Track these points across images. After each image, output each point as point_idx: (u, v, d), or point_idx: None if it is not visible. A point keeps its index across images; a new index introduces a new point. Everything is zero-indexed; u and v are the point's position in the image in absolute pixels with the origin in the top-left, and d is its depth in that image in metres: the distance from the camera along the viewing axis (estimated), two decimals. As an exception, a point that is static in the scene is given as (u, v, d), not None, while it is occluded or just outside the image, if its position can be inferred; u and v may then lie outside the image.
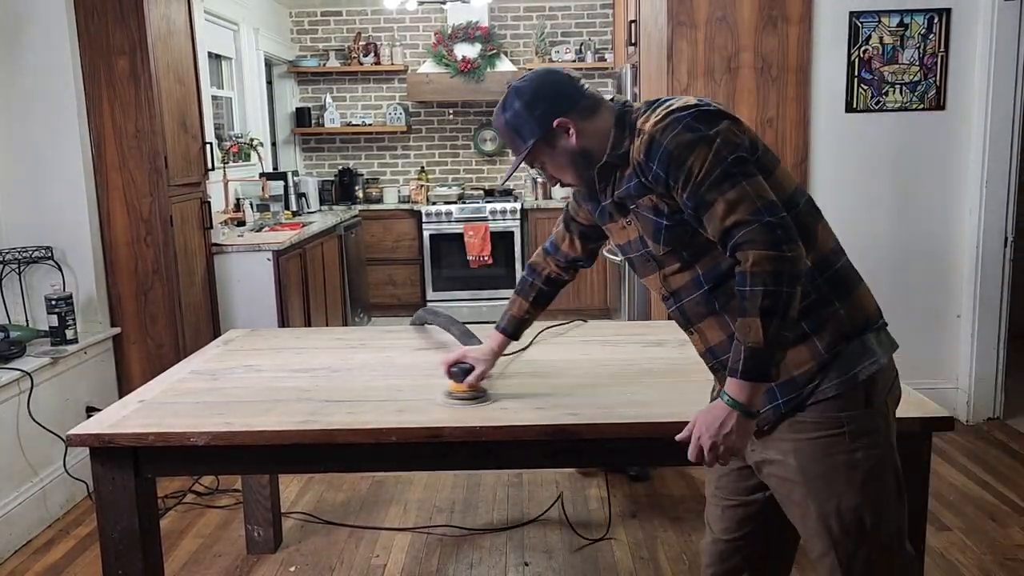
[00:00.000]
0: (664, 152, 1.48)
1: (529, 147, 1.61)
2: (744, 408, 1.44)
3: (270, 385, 2.16)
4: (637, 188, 1.56)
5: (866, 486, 1.52)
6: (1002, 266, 3.80)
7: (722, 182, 1.44)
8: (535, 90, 1.60)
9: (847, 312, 1.53)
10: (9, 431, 2.94)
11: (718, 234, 1.46)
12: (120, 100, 3.50)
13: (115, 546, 1.92)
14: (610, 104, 1.63)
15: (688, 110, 1.50)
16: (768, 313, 1.39)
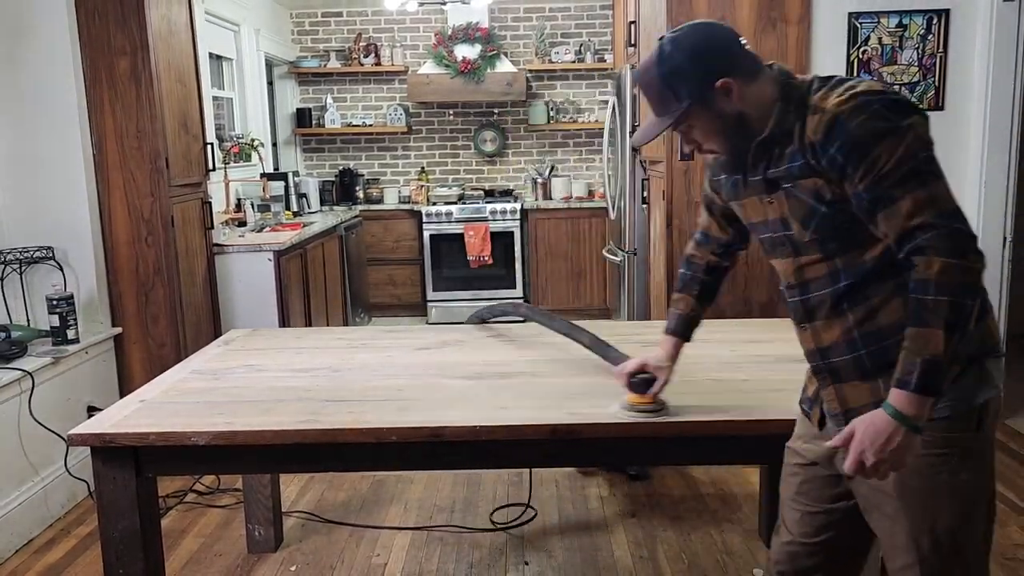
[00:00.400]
0: (848, 135, 1.37)
1: (685, 107, 1.46)
2: (912, 423, 1.36)
3: (271, 385, 2.17)
4: (802, 169, 1.45)
5: (965, 509, 1.49)
6: (1001, 266, 3.81)
7: (910, 179, 1.36)
8: (698, 43, 1.46)
9: (978, 335, 1.46)
10: (10, 431, 2.95)
11: (897, 232, 1.37)
12: (121, 100, 3.51)
13: (116, 545, 1.92)
14: (770, 71, 1.51)
15: (878, 95, 1.39)
16: (952, 325, 1.32)
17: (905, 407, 1.36)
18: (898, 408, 1.36)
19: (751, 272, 3.74)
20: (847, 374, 1.50)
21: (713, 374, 2.17)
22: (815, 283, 1.52)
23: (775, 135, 1.48)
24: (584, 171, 6.91)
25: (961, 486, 1.47)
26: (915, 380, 1.34)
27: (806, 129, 1.43)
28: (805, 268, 1.53)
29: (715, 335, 2.59)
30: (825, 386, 1.56)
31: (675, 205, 3.71)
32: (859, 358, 1.46)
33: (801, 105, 1.46)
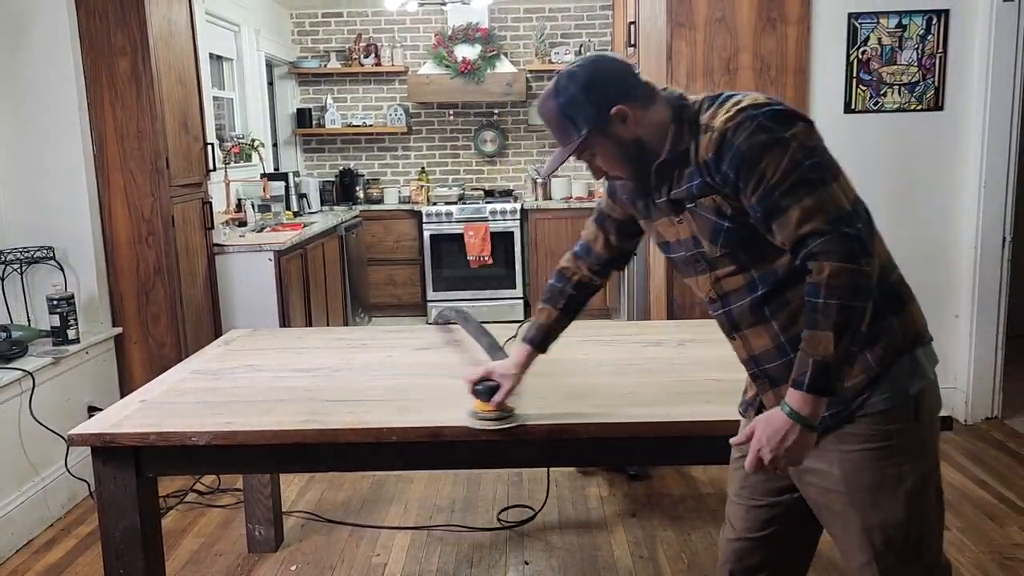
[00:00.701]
0: (736, 152, 1.41)
1: (584, 135, 1.51)
2: (806, 421, 1.41)
3: (271, 385, 2.17)
4: (700, 188, 1.49)
5: (912, 500, 1.51)
6: (1000, 266, 3.81)
7: (798, 188, 1.39)
8: (592, 75, 1.51)
9: (900, 326, 1.50)
10: (11, 431, 2.95)
11: (790, 241, 1.41)
12: (121, 101, 3.51)
13: (116, 545, 1.92)
14: (664, 95, 1.55)
15: (761, 108, 1.43)
16: (842, 327, 1.36)
17: (799, 406, 1.40)
18: (793, 407, 1.41)
19: (751, 272, 3.74)
20: (782, 378, 1.52)
21: (713, 374, 2.17)
22: (734, 295, 1.56)
23: (672, 157, 1.52)
24: (584, 171, 6.89)
25: (905, 477, 1.49)
26: (807, 380, 1.39)
27: (699, 148, 1.48)
28: (723, 281, 1.57)
29: (715, 335, 2.58)
30: (764, 391, 1.59)
31: (675, 205, 3.71)
32: (790, 362, 1.47)
33: (693, 125, 1.50)
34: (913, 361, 1.50)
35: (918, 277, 4.20)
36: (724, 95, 1.51)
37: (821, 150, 1.45)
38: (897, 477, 1.49)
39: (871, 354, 1.48)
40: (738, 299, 1.56)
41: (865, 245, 1.39)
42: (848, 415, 1.48)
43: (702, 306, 4.00)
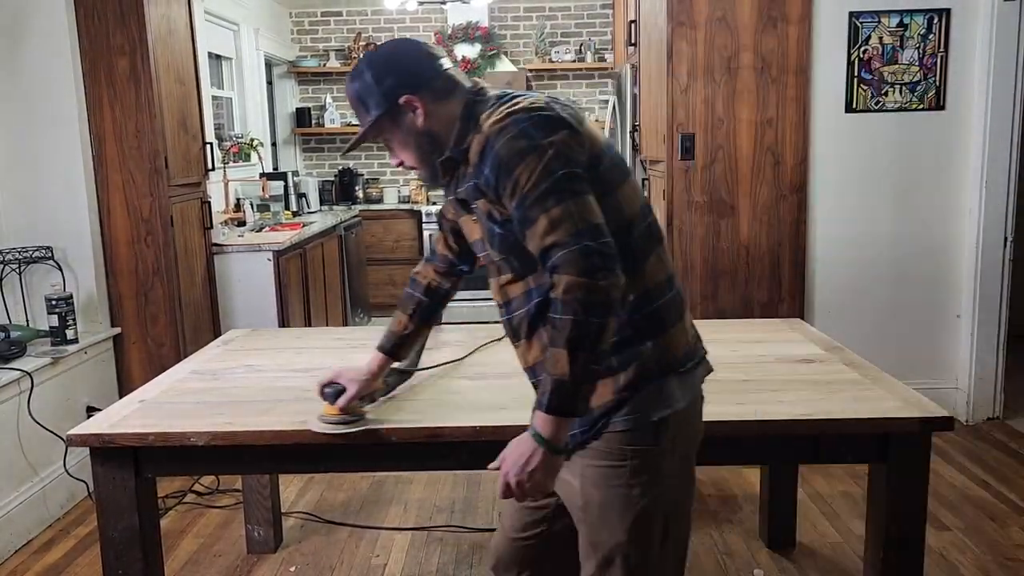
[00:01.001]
0: (495, 156, 1.39)
1: (371, 120, 1.50)
2: (550, 444, 1.38)
3: (270, 385, 2.16)
4: (473, 190, 1.47)
5: (634, 525, 1.49)
6: (1002, 266, 3.81)
7: (547, 198, 1.35)
8: (386, 62, 1.50)
9: (654, 352, 1.47)
10: (9, 431, 2.95)
11: (537, 252, 1.38)
12: (120, 100, 3.50)
13: (115, 546, 1.92)
14: (465, 89, 1.53)
15: (529, 113, 1.40)
16: (575, 345, 1.32)
17: (541, 427, 1.37)
18: (537, 429, 1.38)
19: (751, 272, 3.74)
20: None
21: (713, 374, 2.16)
22: (514, 302, 1.53)
23: (456, 154, 1.50)
24: (584, 171, 6.89)
25: (634, 501, 1.48)
26: (546, 401, 1.36)
27: (471, 149, 1.46)
28: (506, 287, 1.54)
29: (715, 335, 2.58)
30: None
31: (675, 205, 3.71)
32: None
33: (476, 124, 1.47)
34: (661, 390, 1.48)
35: (919, 277, 4.23)
36: (510, 96, 1.49)
37: (583, 160, 1.40)
38: (625, 499, 1.48)
39: (623, 376, 1.45)
40: (517, 307, 1.53)
41: (607, 260, 1.33)
42: (594, 433, 1.48)
43: (702, 306, 4.03)
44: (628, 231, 1.45)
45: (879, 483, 1.89)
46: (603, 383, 1.45)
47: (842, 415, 1.85)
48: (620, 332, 1.43)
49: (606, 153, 1.47)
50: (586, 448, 1.49)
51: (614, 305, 1.34)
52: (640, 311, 1.46)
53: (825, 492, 3.22)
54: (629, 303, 1.45)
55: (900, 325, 3.90)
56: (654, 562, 1.53)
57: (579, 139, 1.42)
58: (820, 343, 2.45)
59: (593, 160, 1.43)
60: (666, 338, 1.49)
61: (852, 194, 3.80)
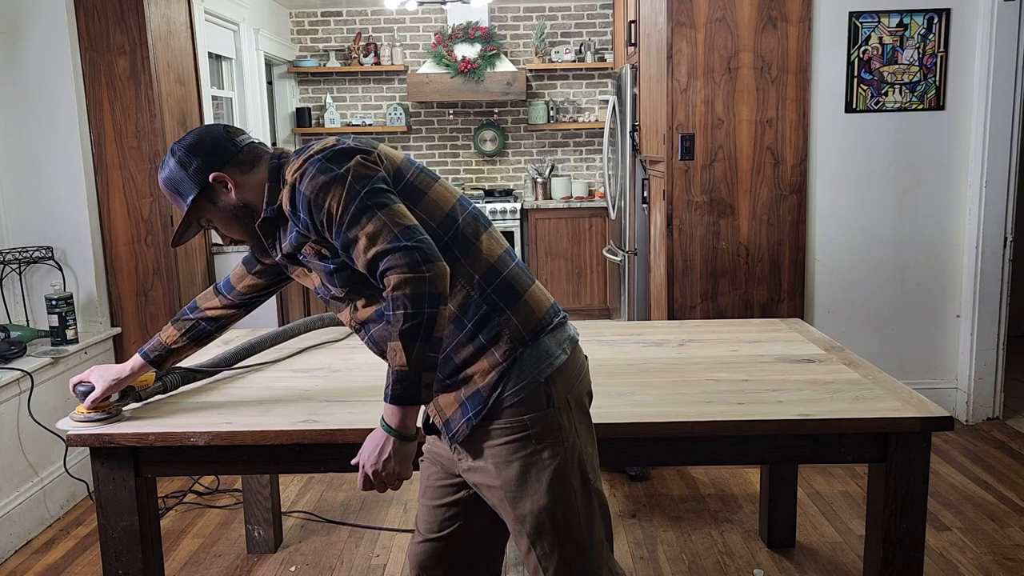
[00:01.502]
0: (304, 199, 1.48)
1: (189, 204, 1.59)
2: (399, 433, 1.46)
3: (270, 385, 2.16)
4: (296, 239, 1.57)
5: (553, 485, 1.55)
6: (1001, 266, 3.81)
7: (360, 216, 1.45)
8: (188, 146, 1.59)
9: (519, 319, 1.55)
10: (10, 431, 2.95)
11: (366, 269, 1.47)
12: (120, 100, 3.50)
13: (115, 546, 1.92)
14: (267, 155, 1.62)
15: (323, 152, 1.51)
16: (409, 335, 1.40)
17: (390, 418, 1.47)
18: (385, 419, 1.47)
19: (751, 272, 3.74)
20: (436, 390, 1.57)
21: (713, 374, 2.16)
22: (371, 322, 1.61)
23: (271, 214, 1.59)
24: (584, 171, 6.90)
25: (546, 464, 1.54)
26: (389, 392, 1.44)
27: (283, 203, 1.55)
28: (359, 312, 1.62)
29: (715, 335, 2.59)
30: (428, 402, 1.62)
31: (675, 205, 3.71)
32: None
33: (282, 181, 1.57)
34: (539, 349, 1.55)
35: (919, 277, 4.23)
36: (305, 147, 1.58)
37: (382, 176, 1.51)
38: (537, 464, 1.54)
39: (497, 351, 1.53)
40: (374, 325, 1.61)
41: (427, 252, 1.43)
42: (489, 412, 1.53)
43: (702, 306, 4.03)
44: (453, 220, 1.57)
45: (879, 483, 1.89)
46: (480, 361, 1.54)
47: (842, 415, 1.85)
48: (478, 311, 1.54)
49: (409, 166, 1.59)
50: (488, 430, 1.54)
51: (443, 294, 1.43)
52: (489, 286, 1.55)
53: (825, 492, 3.22)
54: (478, 282, 1.55)
55: (900, 325, 3.91)
56: (581, 514, 1.59)
57: (373, 158, 1.53)
58: (820, 343, 2.45)
59: (396, 173, 1.55)
60: (524, 303, 1.58)
61: (852, 194, 3.81)
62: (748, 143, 3.67)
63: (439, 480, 1.74)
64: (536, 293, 1.62)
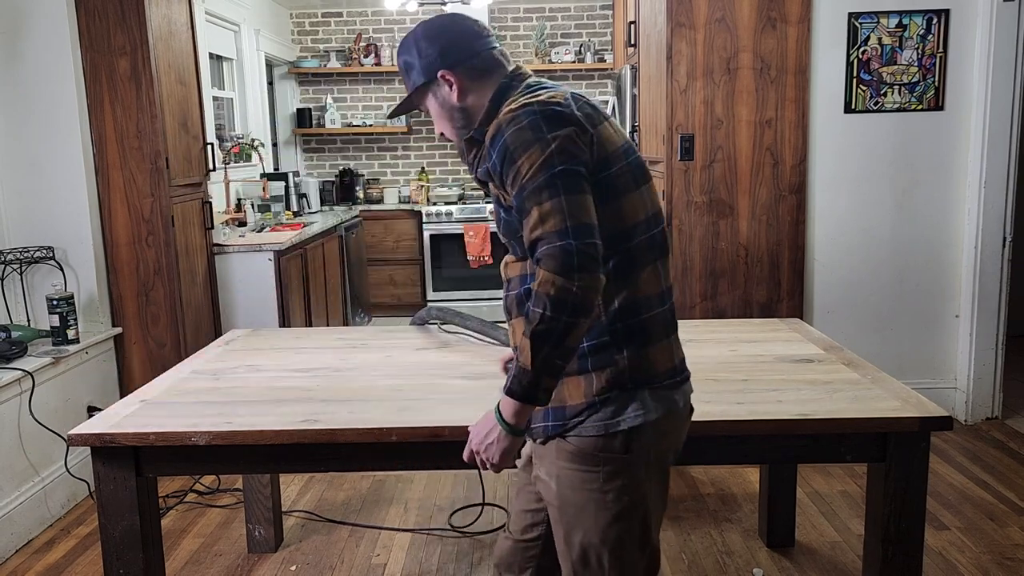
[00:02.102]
0: (503, 145, 1.42)
1: (413, 89, 1.58)
2: (508, 426, 1.43)
3: (271, 385, 2.17)
4: (484, 173, 1.51)
5: (609, 528, 1.52)
6: (1000, 266, 3.81)
7: (543, 191, 1.37)
8: (430, 34, 1.56)
9: (630, 363, 1.48)
10: (10, 431, 2.95)
11: (527, 243, 1.41)
12: (121, 100, 3.51)
13: (116, 545, 1.92)
14: (505, 71, 1.56)
15: (542, 106, 1.43)
16: (539, 338, 1.35)
17: (504, 408, 1.43)
18: (499, 408, 1.44)
19: (750, 272, 3.74)
20: None
21: (713, 374, 2.17)
22: (512, 282, 1.57)
23: (476, 135, 1.55)
24: (584, 171, 6.90)
25: (608, 504, 1.51)
26: (508, 384, 1.41)
27: (488, 133, 1.49)
28: (508, 266, 1.58)
29: (715, 335, 2.59)
30: None
31: (675, 205, 3.71)
32: None
33: (498, 110, 1.51)
34: (633, 399, 1.48)
35: (918, 277, 4.23)
36: (536, 86, 1.52)
37: (586, 158, 1.42)
38: (599, 503, 1.51)
39: (596, 382, 1.48)
40: (513, 287, 1.56)
41: (588, 261, 1.34)
42: (564, 431, 1.50)
43: (702, 306, 4.03)
44: (627, 238, 1.47)
45: (878, 483, 1.90)
46: (578, 381, 1.48)
47: (841, 415, 1.86)
48: (599, 336, 1.47)
49: (621, 158, 1.48)
50: (562, 449, 1.51)
51: (587, 306, 1.35)
52: (623, 320, 1.48)
53: (824, 491, 3.22)
54: (613, 310, 1.47)
55: (899, 325, 3.91)
56: (627, 565, 1.55)
57: (586, 138, 1.43)
58: (819, 343, 2.45)
59: (600, 163, 1.44)
60: (646, 352, 1.50)
61: (851, 194, 3.81)
62: (747, 144, 3.67)
63: (526, 484, 1.74)
64: (666, 347, 1.54)
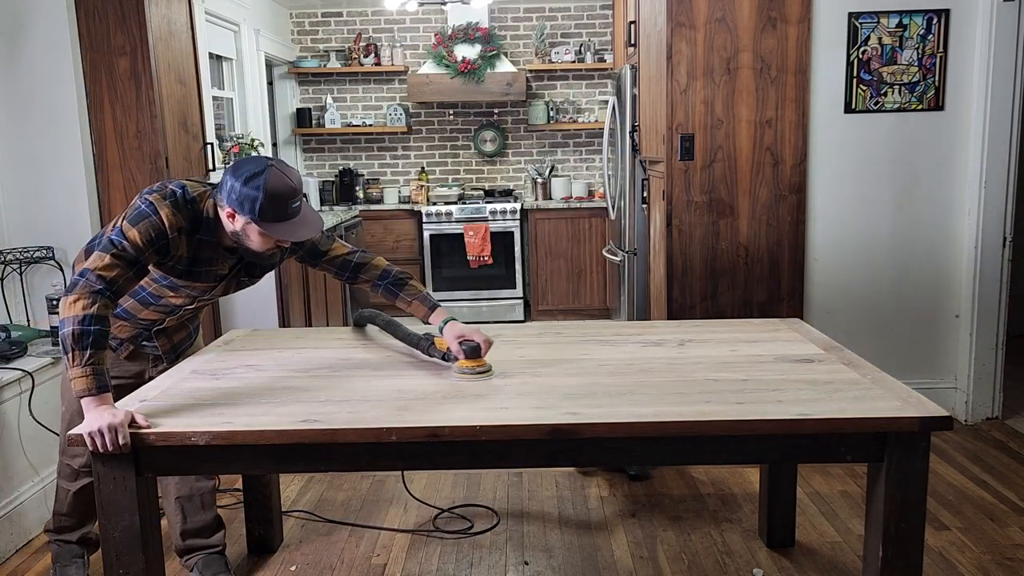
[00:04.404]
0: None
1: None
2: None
3: (271, 385, 2.17)
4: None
5: None
6: (1000, 266, 3.81)
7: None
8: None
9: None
10: (10, 431, 2.95)
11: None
12: (121, 100, 3.51)
13: (116, 545, 1.92)
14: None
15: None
16: (62, 345, 1.98)
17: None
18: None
19: (750, 272, 3.74)
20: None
21: (713, 374, 2.17)
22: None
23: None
24: (584, 171, 6.91)
25: None
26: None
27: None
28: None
29: (715, 335, 2.59)
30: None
31: (675, 205, 3.71)
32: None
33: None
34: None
35: (918, 277, 4.23)
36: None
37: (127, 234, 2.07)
38: None
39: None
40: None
41: (81, 288, 1.98)
42: None
43: (702, 306, 4.04)
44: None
45: (878, 483, 1.90)
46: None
47: (841, 415, 1.86)
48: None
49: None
50: None
51: (71, 320, 1.98)
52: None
53: (824, 491, 3.22)
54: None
55: (899, 325, 3.91)
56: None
57: (148, 223, 2.11)
58: (819, 343, 2.45)
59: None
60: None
61: (851, 194, 3.81)
62: (747, 143, 3.67)
63: None
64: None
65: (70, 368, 1.95)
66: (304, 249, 2.40)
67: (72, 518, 2.60)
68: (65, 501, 2.57)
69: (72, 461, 2.50)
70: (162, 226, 2.09)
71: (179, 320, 2.46)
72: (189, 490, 2.60)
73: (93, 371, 1.95)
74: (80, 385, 1.92)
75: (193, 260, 2.21)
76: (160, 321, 2.41)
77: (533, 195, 6.69)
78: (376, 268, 2.45)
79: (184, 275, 2.23)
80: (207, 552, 2.65)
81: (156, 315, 2.37)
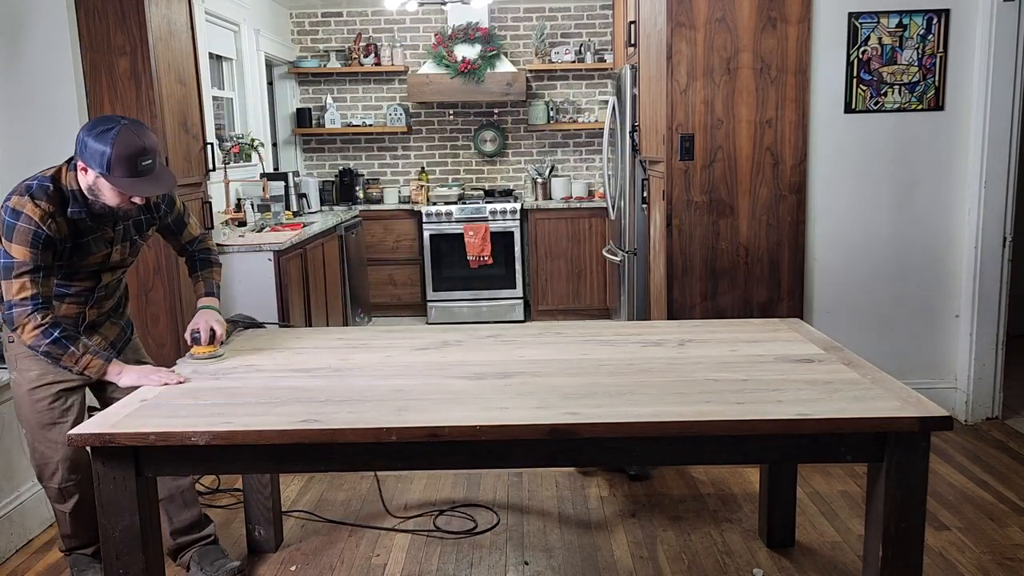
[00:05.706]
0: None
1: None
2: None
3: (271, 385, 2.17)
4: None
5: None
6: (1000, 266, 3.81)
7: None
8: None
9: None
10: (11, 430, 2.95)
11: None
12: (121, 100, 3.51)
13: (116, 545, 1.93)
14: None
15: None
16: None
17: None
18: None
19: (750, 272, 3.74)
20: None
21: (713, 374, 2.17)
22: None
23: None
24: (584, 171, 6.91)
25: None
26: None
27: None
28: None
29: (715, 335, 2.59)
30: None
31: (675, 205, 3.71)
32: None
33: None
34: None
35: (918, 277, 4.23)
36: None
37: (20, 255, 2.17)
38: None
39: None
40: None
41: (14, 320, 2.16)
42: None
43: (702, 306, 4.03)
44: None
45: (878, 483, 1.90)
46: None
47: (841, 415, 1.86)
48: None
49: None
50: None
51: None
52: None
53: (824, 491, 3.22)
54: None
55: (899, 325, 3.91)
56: None
57: (24, 232, 2.22)
58: (819, 343, 2.45)
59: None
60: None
61: (851, 194, 3.81)
62: (747, 143, 3.67)
63: None
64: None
65: (75, 366, 2.21)
66: (172, 218, 2.57)
67: (78, 538, 2.55)
68: (65, 523, 2.52)
69: (51, 482, 2.44)
70: (34, 223, 2.15)
71: (99, 310, 2.46)
72: (168, 492, 2.56)
73: (91, 351, 2.22)
74: (95, 366, 2.22)
75: (77, 233, 2.27)
76: (82, 315, 2.41)
77: (533, 195, 6.69)
78: (202, 243, 2.70)
79: (75, 251, 2.28)
80: (201, 544, 2.64)
81: (75, 308, 2.39)
